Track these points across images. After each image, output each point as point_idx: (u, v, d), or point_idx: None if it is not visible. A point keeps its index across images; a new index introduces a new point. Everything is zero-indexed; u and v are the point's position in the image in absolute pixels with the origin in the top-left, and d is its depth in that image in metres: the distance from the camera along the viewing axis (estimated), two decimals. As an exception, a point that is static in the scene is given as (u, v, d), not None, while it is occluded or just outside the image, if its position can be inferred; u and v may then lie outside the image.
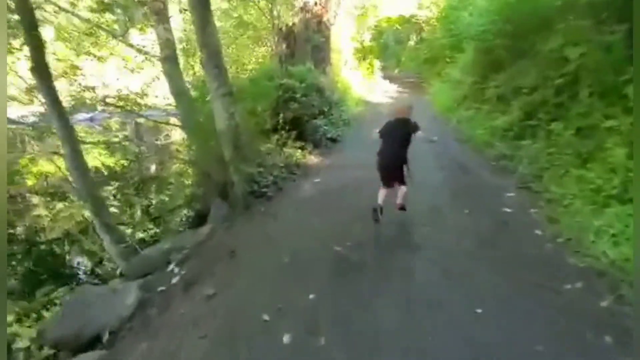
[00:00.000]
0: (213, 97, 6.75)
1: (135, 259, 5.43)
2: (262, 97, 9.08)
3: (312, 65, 11.00)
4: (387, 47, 35.74)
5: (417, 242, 4.81)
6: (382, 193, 5.37)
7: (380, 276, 4.10)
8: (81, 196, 5.49)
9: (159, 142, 14.97)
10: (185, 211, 9.06)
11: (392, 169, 5.33)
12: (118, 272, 5.94)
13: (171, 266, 4.80)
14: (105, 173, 14.35)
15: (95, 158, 14.90)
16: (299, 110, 9.41)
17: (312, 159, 8.85)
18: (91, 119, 17.58)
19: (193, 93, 9.24)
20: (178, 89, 8.77)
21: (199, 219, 7.10)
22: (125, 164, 14.47)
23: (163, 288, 4.38)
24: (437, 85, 17.09)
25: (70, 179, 5.58)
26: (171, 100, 9.06)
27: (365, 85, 18.93)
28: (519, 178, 6.60)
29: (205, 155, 7.40)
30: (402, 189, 5.38)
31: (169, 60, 8.58)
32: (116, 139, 15.14)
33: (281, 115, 9.01)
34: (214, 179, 7.17)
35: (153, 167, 13.72)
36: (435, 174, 7.24)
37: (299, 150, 8.88)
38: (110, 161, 14.60)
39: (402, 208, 5.41)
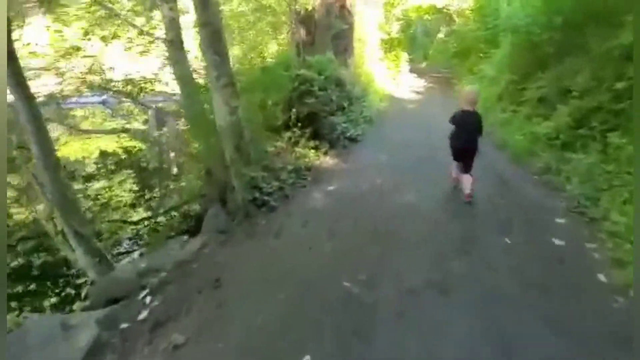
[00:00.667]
0: (212, 88, 5.86)
1: (104, 281, 4.61)
2: (274, 89, 8.15)
3: (332, 55, 10.00)
4: (415, 38, 34.34)
5: (447, 282, 3.84)
6: (456, 166, 5.91)
7: (397, 330, 3.17)
8: (50, 199, 4.71)
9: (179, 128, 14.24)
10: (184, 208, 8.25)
11: (469, 151, 5.61)
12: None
13: (143, 293, 3.96)
14: (123, 157, 13.74)
15: (113, 141, 14.28)
16: (316, 105, 8.46)
17: (327, 161, 7.90)
18: (103, 102, 16.97)
19: (201, 81, 8.38)
20: (183, 75, 7.89)
21: (196, 223, 6.24)
22: (143, 149, 13.82)
23: (127, 325, 3.54)
24: (468, 82, 15.85)
25: (39, 180, 4.79)
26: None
27: (390, 79, 17.80)
28: (569, 199, 5.53)
29: (206, 151, 6.53)
30: (470, 178, 5.58)
31: (174, 43, 7.69)
32: (128, 125, 14.47)
33: (294, 110, 8.07)
34: (215, 179, 6.31)
35: (172, 155, 12.93)
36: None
37: (313, 151, 7.94)
38: (129, 145, 13.99)
39: (470, 197, 5.51)
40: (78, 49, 9.26)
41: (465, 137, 5.51)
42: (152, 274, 4.17)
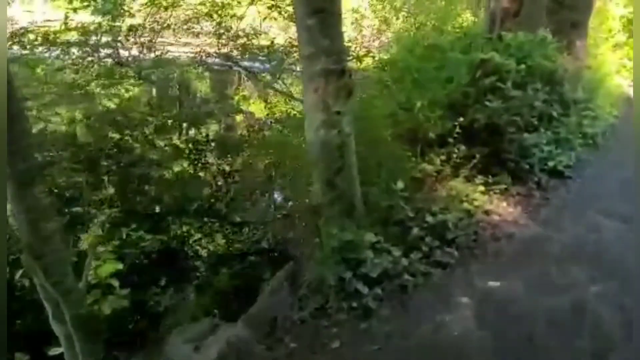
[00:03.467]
0: (303, 77, 3.36)
1: None
2: (435, 82, 5.20)
3: (548, 34, 6.35)
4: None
5: None
6: None
7: None
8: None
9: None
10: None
11: None
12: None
13: None
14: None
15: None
16: (502, 111, 5.20)
17: (503, 211, 4.68)
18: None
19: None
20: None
21: (247, 294, 3.93)
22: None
23: None
24: None
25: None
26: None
27: (632, 75, 12.52)
28: None
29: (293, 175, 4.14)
30: None
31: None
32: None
33: (462, 118, 5.01)
34: (297, 230, 3.90)
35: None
36: None
37: (481, 188, 4.81)
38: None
39: None
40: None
41: None
42: None
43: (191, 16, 9.93)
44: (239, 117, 11.29)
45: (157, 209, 6.44)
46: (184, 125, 11.84)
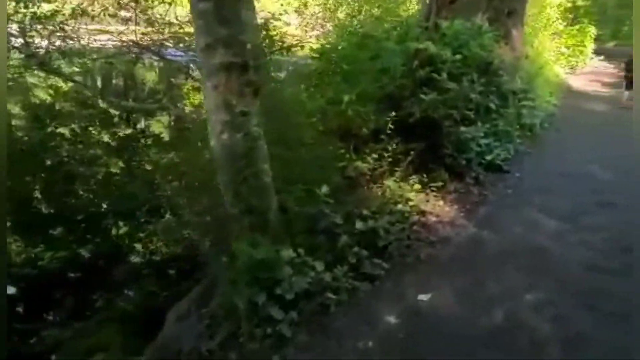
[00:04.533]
0: (202, 72, 2.89)
1: None
2: (367, 75, 4.85)
3: (485, 22, 6.15)
4: (606, 9, 27.02)
5: None
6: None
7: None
8: None
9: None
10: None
11: None
12: None
13: None
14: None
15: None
16: (437, 104, 4.92)
17: (440, 211, 4.42)
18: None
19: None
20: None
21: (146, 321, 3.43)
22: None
23: None
24: None
25: None
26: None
27: (569, 62, 12.83)
28: None
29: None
30: None
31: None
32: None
33: (394, 113, 4.70)
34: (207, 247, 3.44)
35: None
36: None
37: (417, 187, 4.53)
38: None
39: None
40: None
41: None
42: None
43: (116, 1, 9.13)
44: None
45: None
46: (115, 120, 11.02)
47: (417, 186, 4.56)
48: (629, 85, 8.43)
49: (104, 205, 6.79)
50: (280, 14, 9.53)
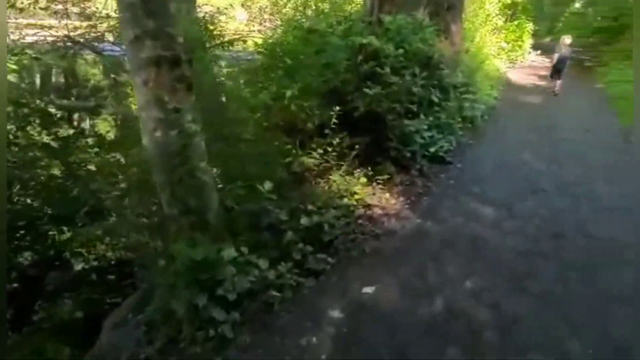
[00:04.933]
0: (131, 67, 2.75)
1: None
2: (311, 69, 4.82)
3: (425, 17, 6.28)
4: (542, 6, 28.34)
5: None
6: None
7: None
8: None
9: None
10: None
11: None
12: None
13: None
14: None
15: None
16: (381, 98, 4.98)
17: (386, 203, 4.48)
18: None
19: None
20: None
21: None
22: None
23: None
24: (620, 74, 10.83)
25: None
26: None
27: (509, 57, 13.37)
28: None
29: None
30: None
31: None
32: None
33: (338, 107, 4.71)
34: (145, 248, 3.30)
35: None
36: None
37: (363, 180, 4.57)
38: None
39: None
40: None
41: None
42: None
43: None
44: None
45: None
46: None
47: (363, 179, 4.61)
48: (554, 74, 9.34)
49: (45, 210, 6.41)
50: (226, 8, 9.34)
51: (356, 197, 4.36)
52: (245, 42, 6.41)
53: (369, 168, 4.82)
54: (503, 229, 4.01)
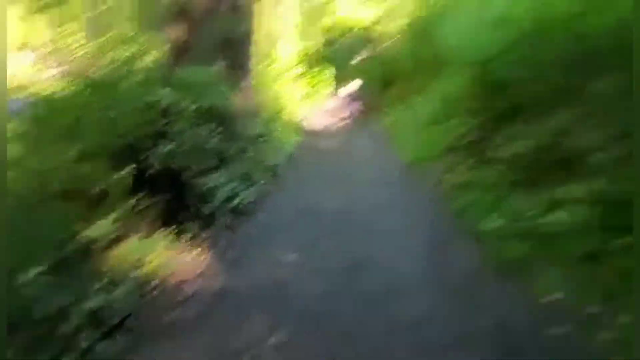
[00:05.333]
0: None
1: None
2: (94, 125, 4.49)
3: (222, 70, 6.50)
4: (337, 55, 32.09)
5: None
6: None
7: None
8: None
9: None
10: None
11: None
12: None
13: None
14: None
15: None
16: (176, 156, 4.91)
17: (185, 268, 4.36)
18: None
19: None
20: None
21: None
22: None
23: None
24: (397, 117, 13.03)
25: None
26: None
27: (309, 103, 14.73)
28: None
29: None
30: None
31: None
32: None
33: (133, 166, 4.48)
34: None
35: None
36: None
37: (161, 247, 4.38)
38: None
39: None
40: None
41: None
42: None
43: None
44: None
45: None
46: None
47: (164, 242, 4.42)
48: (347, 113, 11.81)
49: None
50: None
51: (155, 262, 4.14)
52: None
53: (172, 228, 4.66)
54: (304, 272, 4.28)
